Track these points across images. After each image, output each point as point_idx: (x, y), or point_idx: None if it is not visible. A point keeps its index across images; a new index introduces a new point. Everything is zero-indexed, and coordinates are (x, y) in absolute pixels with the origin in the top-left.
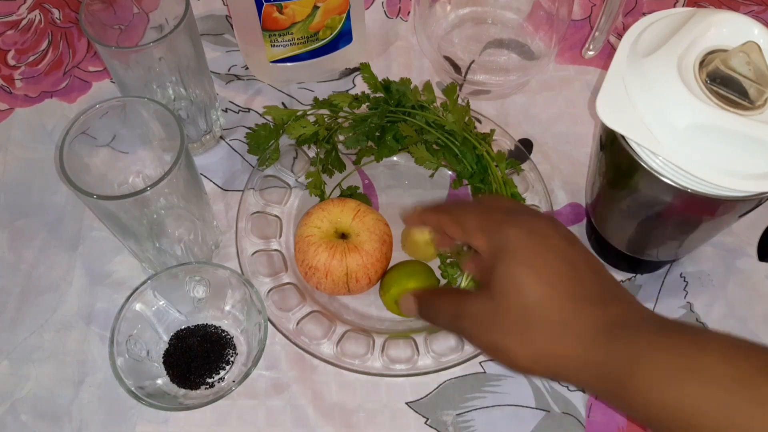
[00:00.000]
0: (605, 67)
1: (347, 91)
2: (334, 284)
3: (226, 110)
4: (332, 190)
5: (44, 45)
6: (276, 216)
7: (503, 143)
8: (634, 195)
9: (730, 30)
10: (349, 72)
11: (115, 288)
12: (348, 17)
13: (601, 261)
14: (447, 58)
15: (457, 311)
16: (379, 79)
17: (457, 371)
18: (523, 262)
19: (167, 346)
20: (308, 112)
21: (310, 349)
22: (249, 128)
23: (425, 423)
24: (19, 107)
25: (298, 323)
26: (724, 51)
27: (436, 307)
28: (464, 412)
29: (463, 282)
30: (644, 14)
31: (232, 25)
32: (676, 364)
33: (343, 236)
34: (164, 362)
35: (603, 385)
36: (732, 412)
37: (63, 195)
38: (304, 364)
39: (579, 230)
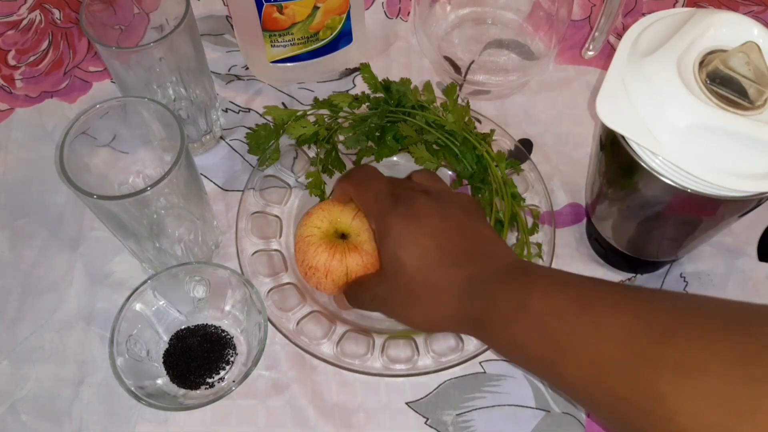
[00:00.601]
0: (605, 67)
1: (347, 91)
2: (334, 284)
3: (226, 110)
4: (332, 190)
5: (45, 45)
6: (276, 216)
7: (503, 143)
8: (634, 195)
9: (730, 30)
10: (349, 72)
11: (115, 288)
12: (348, 17)
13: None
14: (447, 59)
15: (369, 296)
16: (379, 79)
17: (457, 371)
18: (397, 244)
19: (167, 346)
20: (308, 112)
21: (310, 349)
22: (249, 128)
23: (425, 423)
24: (19, 107)
25: (298, 323)
26: (724, 51)
27: (357, 296)
28: (464, 412)
29: None
30: (644, 14)
31: (232, 26)
32: (509, 309)
33: (343, 236)
34: (164, 362)
35: (474, 332)
36: (548, 344)
37: (63, 195)
38: (304, 364)
39: (579, 230)
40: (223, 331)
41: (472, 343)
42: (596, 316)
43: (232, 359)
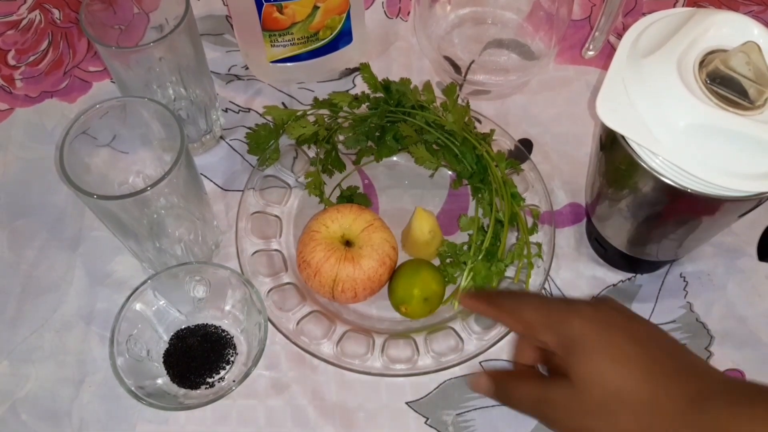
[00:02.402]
0: (605, 67)
1: (347, 91)
2: (320, 285)
3: (226, 110)
4: (332, 190)
5: (44, 45)
6: (276, 216)
7: (503, 143)
8: (634, 195)
9: (730, 30)
10: (349, 72)
11: (116, 288)
12: (348, 17)
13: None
14: (447, 58)
15: (540, 397)
16: (379, 79)
17: (457, 371)
18: (595, 351)
19: (167, 345)
20: (308, 112)
21: (310, 349)
22: (249, 128)
23: (425, 423)
24: (19, 107)
25: (298, 323)
26: (724, 51)
27: (517, 392)
28: (464, 412)
29: (463, 281)
30: (644, 14)
31: (232, 25)
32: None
33: (348, 244)
34: (164, 362)
35: None
36: None
37: (63, 195)
38: (304, 363)
39: (579, 230)
40: (223, 330)
41: (472, 343)
42: None
43: (232, 359)
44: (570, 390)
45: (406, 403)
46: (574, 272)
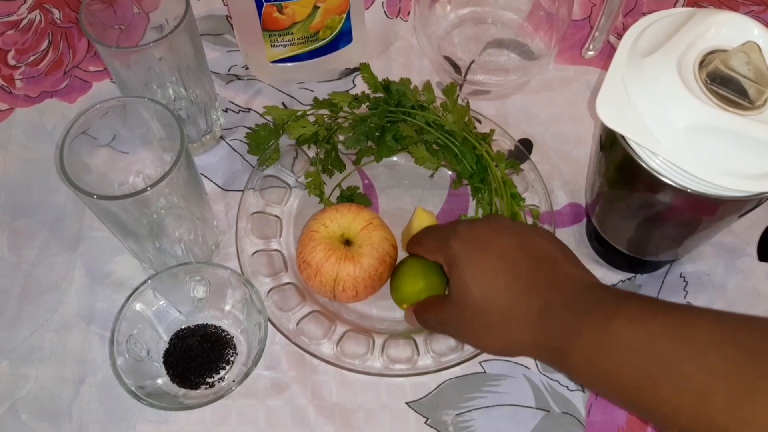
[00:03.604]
0: (605, 67)
1: (347, 91)
2: (321, 285)
3: (226, 110)
4: (332, 190)
5: (44, 45)
6: (276, 216)
7: (503, 143)
8: (634, 195)
9: (730, 30)
10: (349, 72)
11: (116, 288)
12: (348, 17)
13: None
14: (447, 58)
15: (438, 319)
16: (379, 79)
17: (457, 371)
18: (465, 268)
19: (167, 345)
20: (308, 112)
21: (310, 349)
22: (249, 128)
23: (425, 423)
24: (19, 107)
25: (298, 323)
26: (724, 51)
27: (426, 318)
28: (464, 412)
29: None
30: (644, 14)
31: (232, 25)
32: (595, 338)
33: (348, 243)
34: (164, 362)
35: (549, 359)
36: (640, 373)
37: (63, 195)
38: (304, 364)
39: (579, 230)
40: (223, 330)
41: None
42: (693, 344)
43: (232, 359)
44: (452, 309)
45: (406, 403)
46: None
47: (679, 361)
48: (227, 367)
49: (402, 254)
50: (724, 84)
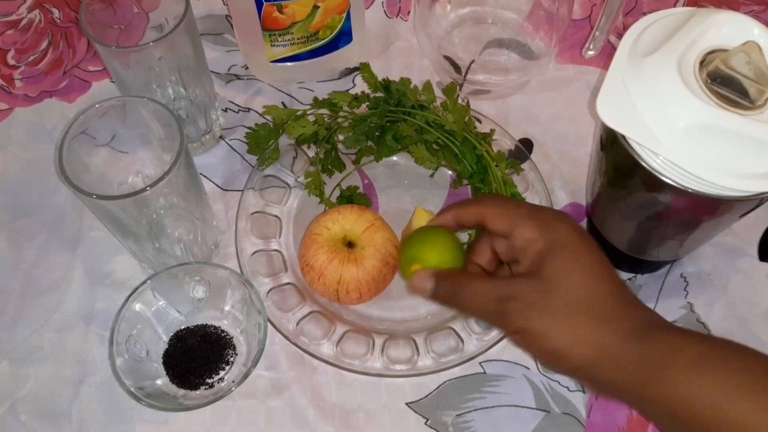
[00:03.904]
0: (605, 66)
1: (347, 90)
2: (324, 288)
3: (225, 110)
4: (332, 190)
5: (44, 45)
6: (276, 216)
7: (503, 143)
8: (634, 195)
9: (731, 30)
10: (349, 72)
11: (115, 288)
12: (348, 17)
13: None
14: (447, 58)
15: (503, 293)
16: (379, 78)
17: (457, 371)
18: (576, 257)
19: (167, 346)
20: (308, 112)
21: (309, 349)
22: (249, 128)
23: (425, 423)
24: (18, 107)
25: (297, 323)
26: (725, 51)
27: (473, 288)
28: (464, 413)
29: None
30: (644, 14)
31: (232, 25)
32: (699, 358)
33: (350, 245)
34: (164, 362)
35: (631, 380)
36: (745, 403)
37: (63, 195)
38: (304, 364)
39: None
40: (222, 331)
41: (472, 344)
42: None
43: (231, 359)
44: (539, 286)
45: (406, 403)
46: None
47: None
48: (227, 368)
49: None
50: (725, 84)
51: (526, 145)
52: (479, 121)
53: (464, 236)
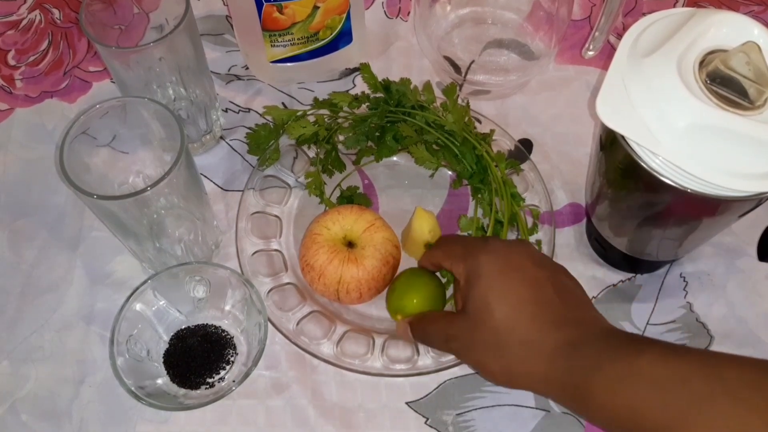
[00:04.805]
0: (605, 67)
1: (347, 91)
2: (325, 288)
3: (226, 110)
4: (332, 191)
5: (44, 45)
6: (276, 216)
7: (503, 143)
8: (634, 195)
9: (730, 30)
10: (349, 72)
11: (116, 288)
12: (348, 17)
13: (575, 278)
14: (447, 59)
15: (445, 334)
16: (379, 79)
17: (457, 371)
18: (491, 286)
19: (167, 345)
20: (308, 112)
21: (310, 349)
22: (249, 128)
23: (425, 423)
24: (19, 107)
25: (298, 323)
26: (724, 51)
27: (428, 331)
28: (464, 412)
29: None
30: (644, 14)
31: (232, 26)
32: (621, 372)
33: (351, 245)
34: (164, 362)
35: (565, 396)
36: (669, 410)
37: (63, 195)
38: (304, 363)
39: (579, 230)
40: (223, 331)
41: None
42: (726, 382)
43: (232, 359)
44: (465, 324)
45: (406, 403)
46: (574, 272)
47: (712, 398)
48: (227, 367)
49: (402, 256)
50: (724, 84)
51: (526, 145)
52: (479, 121)
53: None
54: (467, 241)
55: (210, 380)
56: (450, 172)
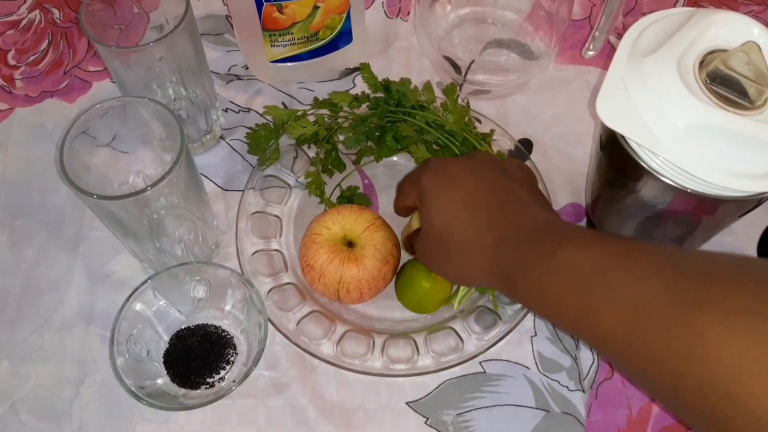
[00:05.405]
0: (605, 67)
1: (347, 91)
2: (325, 288)
3: (226, 110)
4: (332, 191)
5: (44, 45)
6: (276, 216)
7: (503, 143)
8: (633, 195)
9: (730, 30)
10: (349, 72)
11: (116, 288)
12: (348, 17)
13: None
14: (447, 58)
15: (416, 248)
16: (379, 79)
17: (457, 371)
18: (431, 203)
19: (167, 345)
20: (308, 112)
21: (310, 349)
22: (249, 128)
23: (425, 423)
24: (19, 107)
25: (298, 323)
26: (724, 51)
27: (412, 245)
28: (464, 412)
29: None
30: (644, 14)
31: (232, 25)
32: (542, 263)
33: (350, 245)
34: (164, 362)
35: (503, 288)
36: (585, 295)
37: (63, 195)
38: (304, 363)
39: None
40: (223, 330)
41: (472, 343)
42: (636, 269)
43: (232, 359)
44: (423, 239)
45: (406, 403)
46: None
47: (620, 285)
48: (227, 367)
49: (404, 255)
50: (724, 84)
51: (526, 145)
52: (479, 121)
53: None
54: (416, 171)
55: (210, 380)
56: None
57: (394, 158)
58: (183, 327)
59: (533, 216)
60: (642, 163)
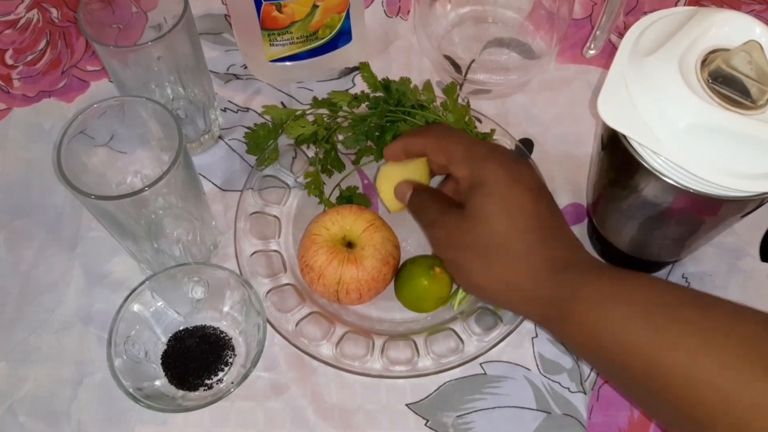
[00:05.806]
0: (606, 66)
1: (347, 90)
2: (324, 288)
3: (224, 110)
4: (332, 190)
5: (42, 44)
6: (275, 216)
7: (504, 143)
8: (635, 195)
9: (732, 29)
10: (349, 71)
11: (114, 289)
12: (347, 16)
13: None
14: (447, 58)
15: (437, 218)
16: (379, 78)
17: (458, 373)
18: (496, 197)
19: (165, 347)
20: (307, 112)
21: (309, 350)
22: (248, 128)
23: (425, 425)
24: (17, 107)
25: (297, 324)
26: (726, 50)
27: (425, 205)
28: (464, 414)
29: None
30: (645, 13)
31: (230, 24)
32: (605, 293)
33: (350, 245)
34: (162, 363)
35: (545, 314)
36: (656, 334)
37: (61, 195)
38: (304, 365)
39: (580, 230)
40: (221, 332)
41: (472, 345)
42: (720, 315)
43: (230, 360)
44: (461, 222)
45: (406, 404)
46: None
47: (703, 330)
48: (226, 369)
49: (405, 255)
50: (726, 83)
51: (527, 145)
52: (479, 120)
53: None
54: (468, 143)
55: (208, 382)
56: None
57: None
58: (181, 328)
59: (581, 247)
60: (643, 163)
